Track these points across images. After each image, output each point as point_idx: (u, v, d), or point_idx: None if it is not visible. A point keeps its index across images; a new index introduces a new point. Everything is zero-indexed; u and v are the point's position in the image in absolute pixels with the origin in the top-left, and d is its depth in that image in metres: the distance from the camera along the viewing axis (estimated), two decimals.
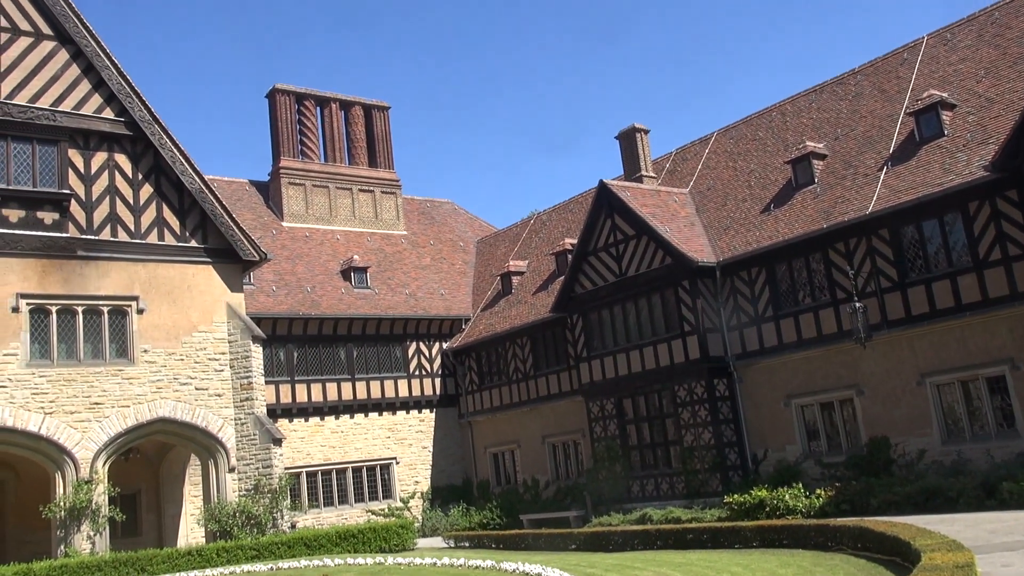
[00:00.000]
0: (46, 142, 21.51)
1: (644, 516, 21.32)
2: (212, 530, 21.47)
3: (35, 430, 19.92)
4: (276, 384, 27.93)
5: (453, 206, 40.33)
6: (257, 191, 33.91)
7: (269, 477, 22.08)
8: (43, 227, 21.09)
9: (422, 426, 31.37)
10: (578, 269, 26.25)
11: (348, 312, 29.93)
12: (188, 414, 21.98)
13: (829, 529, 14.48)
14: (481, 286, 34.25)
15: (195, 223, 23.27)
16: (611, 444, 25.17)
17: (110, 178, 22.33)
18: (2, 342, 20.02)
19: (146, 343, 21.84)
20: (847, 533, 13.89)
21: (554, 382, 28.46)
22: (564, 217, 33.09)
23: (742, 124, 28.35)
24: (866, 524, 13.68)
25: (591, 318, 26.05)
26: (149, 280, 22.24)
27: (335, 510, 28.70)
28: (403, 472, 30.49)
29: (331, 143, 35.26)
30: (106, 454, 20.82)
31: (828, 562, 12.74)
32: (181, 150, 22.95)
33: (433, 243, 36.39)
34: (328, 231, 33.64)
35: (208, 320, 22.90)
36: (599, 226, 25.71)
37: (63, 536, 19.84)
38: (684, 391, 23.48)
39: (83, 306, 21.28)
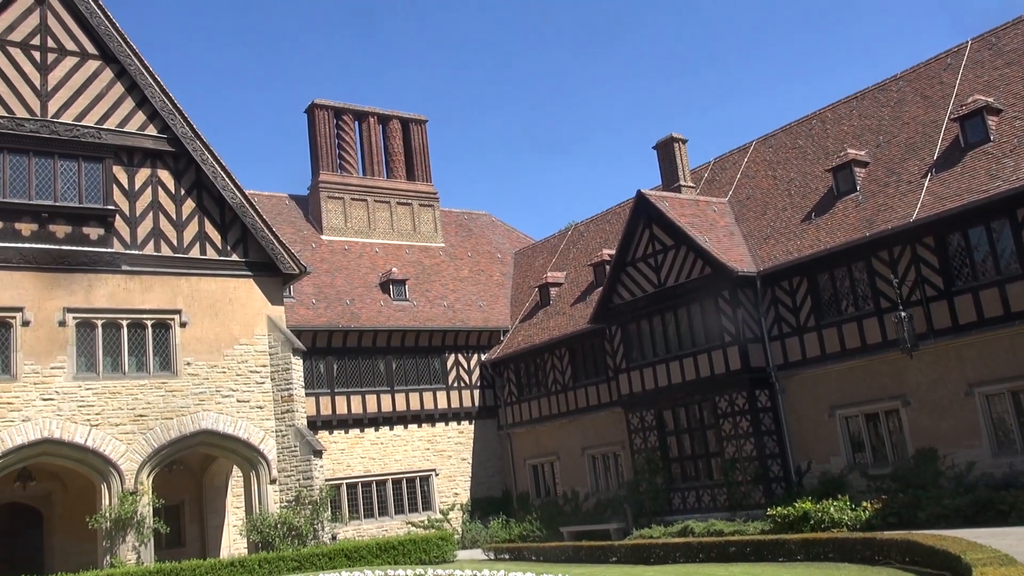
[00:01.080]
0: (92, 159, 21.96)
1: (686, 529, 21.12)
2: (254, 541, 21.67)
3: (81, 442, 20.27)
4: (316, 396, 28.15)
5: (490, 218, 40.45)
6: (296, 205, 34.31)
7: (310, 489, 22.23)
8: (89, 243, 21.51)
9: (461, 438, 31.41)
10: (616, 280, 26.16)
11: (387, 324, 30.11)
12: (230, 426, 22.23)
13: (876, 543, 14.24)
14: (519, 297, 34.27)
15: (236, 237, 23.58)
16: (651, 456, 24.99)
17: (153, 194, 22.72)
18: (49, 355, 20.42)
19: (189, 356, 22.15)
20: (895, 547, 13.65)
21: (593, 394, 28.35)
22: (602, 228, 33.02)
23: (781, 132, 28.12)
24: (914, 538, 13.43)
25: (630, 329, 25.92)
26: (191, 294, 22.57)
27: (375, 522, 28.81)
28: (442, 484, 30.53)
29: (369, 157, 35.58)
30: (150, 466, 21.12)
31: None
32: (222, 165, 23.30)
33: (471, 255, 36.50)
34: (367, 244, 33.90)
35: (249, 333, 23.16)
36: (637, 236, 25.62)
37: (109, 547, 20.14)
38: (725, 402, 23.26)
39: (127, 320, 21.65)
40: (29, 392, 19.97)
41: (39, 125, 21.21)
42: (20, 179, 21.00)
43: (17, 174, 20.99)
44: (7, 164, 20.86)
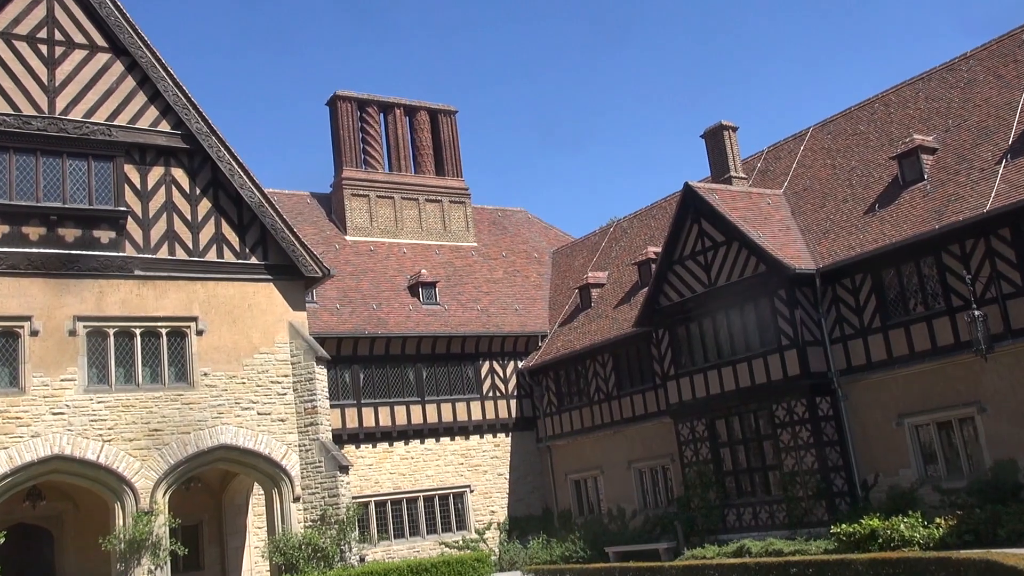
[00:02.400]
0: (102, 158, 22.24)
1: (742, 548, 20.87)
2: (277, 563, 21.76)
3: (93, 459, 20.50)
4: (342, 408, 28.25)
5: (526, 215, 40.41)
6: (319, 204, 34.52)
7: (336, 507, 22.28)
8: (100, 246, 21.77)
9: (497, 451, 31.34)
10: (663, 279, 25.95)
11: (416, 330, 30.15)
12: (250, 440, 22.36)
13: (952, 562, 13.97)
14: (558, 300, 34.16)
15: (255, 239, 23.74)
16: (703, 469, 24.74)
17: (167, 194, 22.95)
18: (59, 367, 20.69)
19: (206, 366, 22.32)
20: (972, 567, 13.37)
21: (639, 402, 28.15)
22: (646, 224, 32.81)
23: (841, 118, 27.74)
24: (993, 557, 13.15)
25: (678, 332, 25.70)
26: (208, 300, 22.75)
27: (406, 542, 28.84)
28: (478, 501, 30.48)
29: (396, 151, 35.71)
30: (166, 483, 21.30)
31: None
32: (240, 162, 23.48)
33: (505, 255, 36.47)
34: (394, 244, 34.00)
35: (270, 341, 23.30)
36: (685, 232, 25.40)
37: (123, 570, 20.34)
38: (783, 411, 22.95)
39: (141, 328, 21.87)
40: (38, 406, 20.24)
41: (47, 123, 21.52)
42: (27, 180, 21.31)
43: (24, 175, 21.31)
44: (13, 164, 21.18)
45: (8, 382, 20.23)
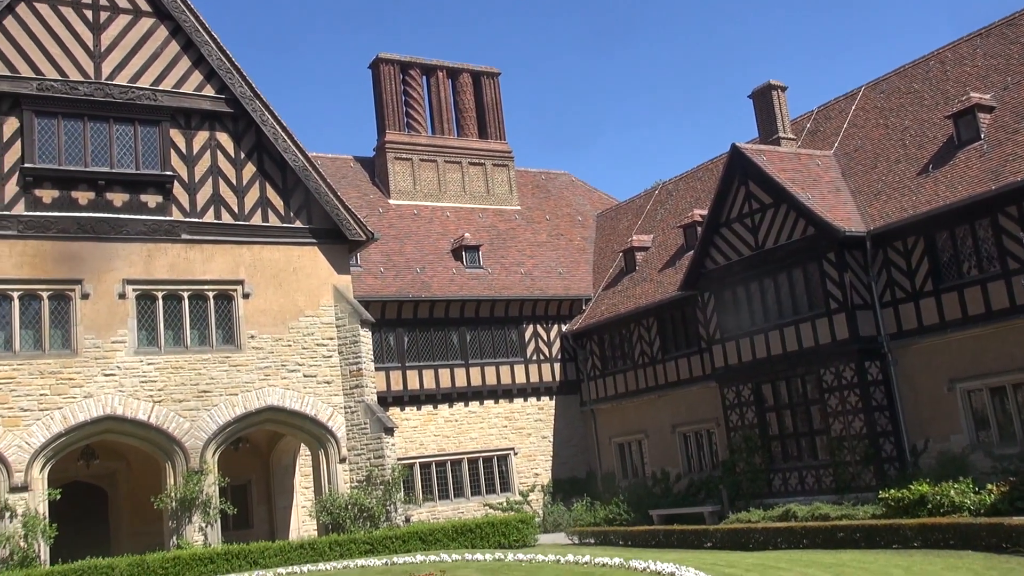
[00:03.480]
0: (148, 123, 22.46)
1: (787, 512, 20.79)
2: (324, 522, 22.13)
3: (144, 419, 20.94)
4: (386, 371, 28.50)
5: (570, 178, 40.18)
6: (362, 167, 34.61)
7: (381, 468, 22.57)
8: (147, 211, 22.06)
9: (541, 415, 31.47)
10: (709, 242, 25.72)
11: (460, 294, 30.23)
12: (297, 402, 22.67)
13: (1003, 529, 13.81)
14: (602, 263, 34.03)
15: (299, 203, 23.90)
16: (749, 434, 24.64)
17: (212, 158, 23.15)
18: (110, 329, 21.09)
19: (252, 329, 22.61)
20: None
21: (684, 366, 28.05)
22: (692, 186, 32.48)
23: (894, 76, 27.12)
24: None
25: (725, 296, 25.50)
26: (254, 263, 22.99)
27: (450, 503, 29.16)
28: (522, 464, 30.68)
29: (438, 114, 35.61)
30: (215, 444, 21.71)
31: (1003, 565, 12.12)
32: (283, 126, 23.58)
33: (549, 218, 36.35)
34: (437, 208, 34.03)
35: (315, 304, 23.52)
36: (732, 195, 25.10)
37: (175, 527, 20.84)
38: (831, 375, 22.72)
39: (189, 291, 22.19)
40: (90, 368, 20.68)
41: (93, 88, 21.76)
42: (75, 145, 21.62)
43: (72, 140, 21.61)
44: (62, 130, 21.49)
45: (61, 344, 20.68)
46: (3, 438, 19.51)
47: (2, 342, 20.18)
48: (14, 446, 19.58)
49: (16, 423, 19.73)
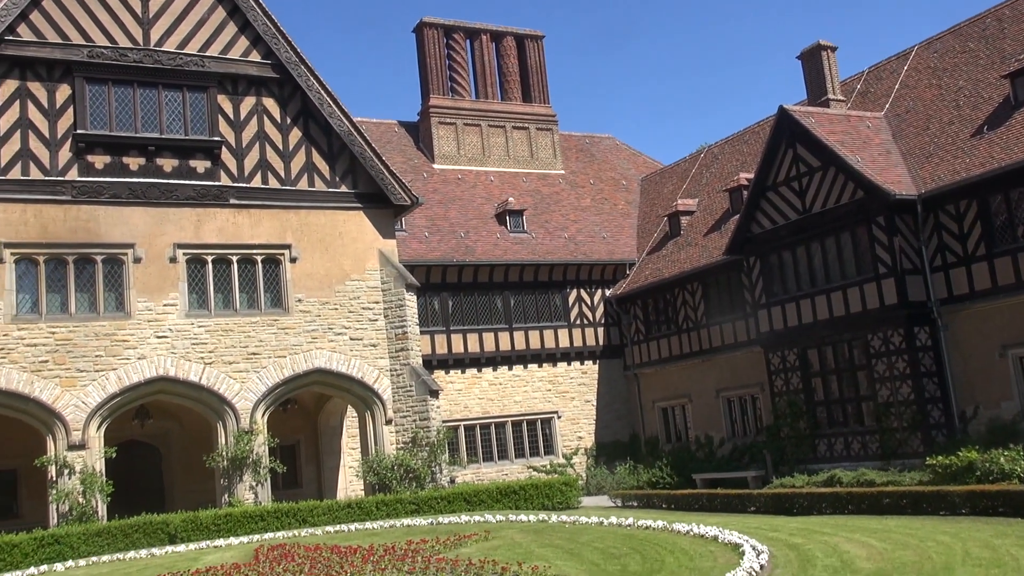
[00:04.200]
0: (196, 89, 22.64)
1: (832, 478, 20.64)
2: (371, 483, 22.45)
3: (196, 380, 21.33)
4: (431, 334, 28.66)
5: (614, 141, 39.84)
6: (407, 132, 34.61)
7: (427, 430, 22.79)
8: (196, 176, 22.32)
9: (584, 379, 31.51)
10: (755, 206, 25.39)
11: (504, 258, 30.25)
12: (343, 365, 22.92)
13: None
14: (646, 228, 33.80)
15: (344, 167, 24.00)
16: (794, 399, 24.46)
17: (259, 123, 23.30)
18: (161, 292, 21.44)
19: (300, 292, 22.85)
20: None
21: (729, 331, 27.86)
22: (738, 149, 32.05)
23: (948, 35, 26.40)
24: None
25: (771, 260, 25.21)
26: (300, 227, 23.18)
27: (494, 465, 29.38)
28: (565, 427, 30.79)
29: (482, 78, 35.43)
30: (265, 405, 22.07)
31: None
32: (329, 91, 23.63)
33: (593, 182, 36.13)
34: (481, 172, 33.98)
35: (360, 268, 23.68)
36: (779, 158, 24.71)
37: (226, 486, 21.27)
38: (879, 340, 22.42)
39: (237, 255, 22.46)
40: (143, 330, 21.08)
41: (142, 54, 21.95)
42: (126, 111, 21.88)
43: (122, 106, 21.88)
44: (112, 96, 21.74)
45: (115, 307, 21.08)
46: (61, 398, 20.01)
47: (59, 305, 20.62)
48: (71, 406, 20.08)
49: (73, 383, 20.21)
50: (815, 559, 11.76)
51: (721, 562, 11.78)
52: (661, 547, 13.32)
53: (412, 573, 12.13)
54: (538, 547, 14.02)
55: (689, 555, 12.53)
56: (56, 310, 20.60)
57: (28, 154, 20.82)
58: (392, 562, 12.88)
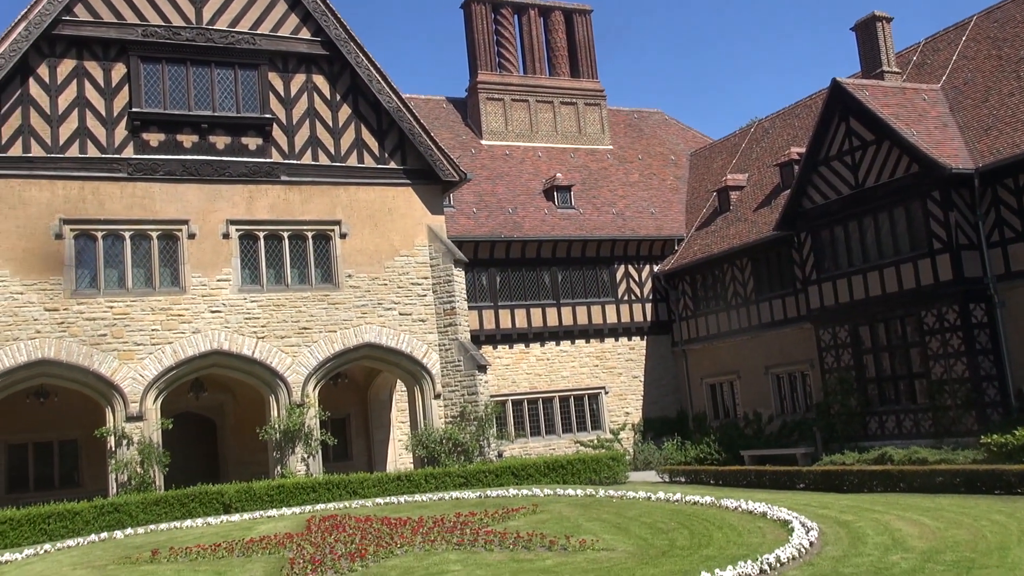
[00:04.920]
0: (247, 66, 22.82)
1: (883, 455, 20.38)
2: (420, 456, 22.64)
3: (249, 354, 21.64)
4: (479, 310, 28.74)
5: (663, 116, 39.43)
6: (455, 108, 34.57)
7: (475, 404, 22.90)
8: (248, 153, 22.53)
9: (632, 354, 31.39)
10: (807, 181, 25.00)
11: (552, 234, 30.16)
12: (393, 339, 23.08)
13: None
14: (695, 203, 33.47)
15: (393, 144, 24.06)
16: (845, 376, 24.14)
17: (309, 100, 23.42)
18: (215, 268, 21.74)
19: (349, 268, 23.02)
20: None
21: (778, 307, 27.53)
22: (789, 123, 31.54)
23: (1010, 3, 25.63)
24: None
25: (822, 236, 24.83)
26: (350, 204, 23.32)
27: (542, 440, 29.46)
28: (612, 402, 30.75)
29: (530, 53, 35.23)
30: (316, 378, 22.33)
31: None
32: (378, 68, 23.67)
33: (642, 157, 35.82)
34: (529, 148, 33.86)
35: (409, 244, 23.78)
36: (831, 131, 24.27)
37: (279, 457, 21.60)
38: (933, 317, 22.01)
39: (288, 231, 22.67)
40: (198, 304, 21.41)
41: (195, 33, 22.15)
42: (179, 90, 22.13)
43: (176, 85, 22.13)
44: (166, 75, 22.00)
45: (170, 282, 21.43)
46: (119, 371, 20.43)
47: (116, 280, 21.02)
48: (129, 378, 20.49)
49: (130, 356, 20.62)
50: (866, 536, 11.63)
51: (770, 538, 11.69)
52: (709, 523, 13.26)
53: (461, 545, 12.23)
54: (586, 521, 14.04)
55: (737, 531, 12.46)
56: (114, 285, 20.99)
57: (85, 132, 21.17)
58: (441, 534, 12.99)
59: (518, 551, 11.70)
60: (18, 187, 20.41)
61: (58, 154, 20.82)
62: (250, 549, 13.15)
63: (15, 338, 19.76)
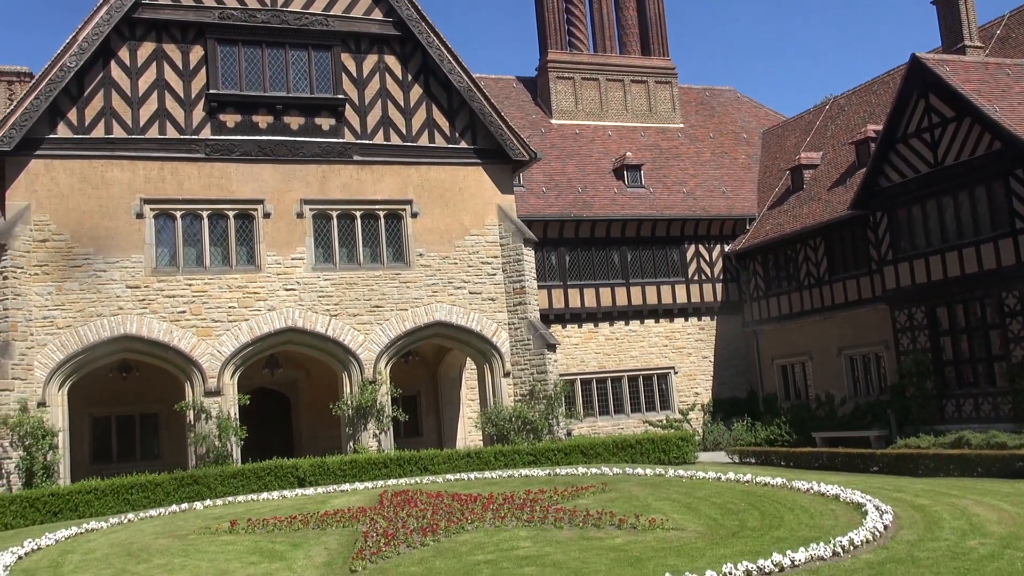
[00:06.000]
0: (320, 48, 23.06)
1: (960, 439, 19.89)
2: (489, 433, 22.80)
3: (322, 331, 22.00)
4: (548, 289, 28.74)
5: (735, 94, 38.78)
6: (524, 87, 34.49)
7: (544, 383, 22.96)
8: (321, 133, 22.80)
9: (702, 334, 31.11)
10: (883, 159, 24.40)
11: (621, 213, 29.98)
12: (463, 318, 23.24)
13: None
14: (768, 182, 32.91)
15: (464, 124, 24.11)
16: (921, 358, 23.59)
17: (381, 81, 23.59)
18: (289, 247, 22.11)
19: (420, 247, 23.21)
20: None
21: (852, 288, 26.99)
22: (866, 100, 30.77)
23: None
24: None
25: (899, 215, 24.23)
26: (421, 183, 23.48)
27: (610, 419, 29.41)
28: (681, 382, 30.54)
29: (600, 31, 34.93)
30: (387, 356, 22.61)
31: None
32: (449, 48, 23.71)
33: (713, 136, 35.33)
34: (599, 127, 33.64)
35: (479, 223, 23.86)
36: (910, 108, 23.62)
37: (351, 433, 21.96)
38: (1014, 299, 21.36)
39: (361, 211, 22.93)
40: (272, 282, 21.82)
41: (270, 15, 22.45)
42: (254, 71, 22.48)
43: (251, 66, 22.47)
44: (242, 57, 22.36)
45: (246, 260, 21.87)
46: (197, 347, 20.96)
47: (194, 258, 21.52)
48: (207, 354, 21.01)
49: (208, 333, 21.13)
50: (942, 521, 11.39)
51: (843, 521, 11.52)
52: (780, 504, 13.12)
53: (531, 522, 12.31)
54: (655, 500, 14.00)
55: (809, 513, 12.30)
56: (192, 263, 21.49)
57: (165, 114, 21.65)
58: (511, 511, 13.08)
59: (588, 529, 11.74)
60: (101, 168, 20.99)
61: (139, 135, 21.35)
62: (324, 522, 13.42)
63: (99, 314, 20.39)
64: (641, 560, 9.83)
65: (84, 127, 20.99)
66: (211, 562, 11.23)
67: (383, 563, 10.43)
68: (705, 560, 9.58)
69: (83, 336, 20.17)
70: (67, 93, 20.83)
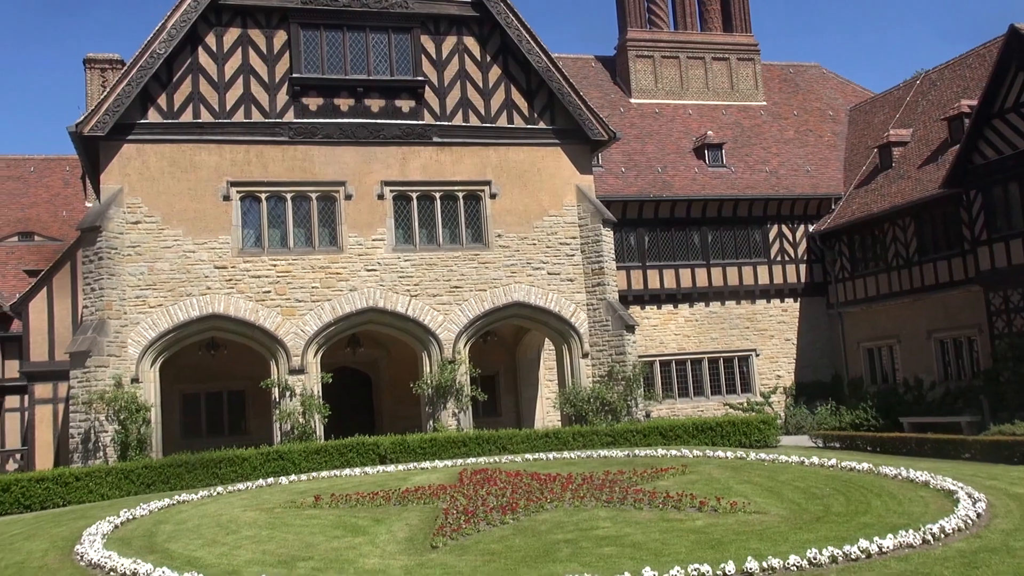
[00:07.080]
0: (400, 30, 23.20)
1: None
2: (567, 414, 22.80)
3: (403, 311, 22.25)
4: (627, 270, 28.54)
5: (820, 70, 37.80)
6: (603, 67, 34.19)
7: (622, 364, 22.84)
8: (401, 115, 22.98)
9: (784, 316, 30.55)
10: (978, 135, 23.53)
11: (702, 193, 29.56)
12: (541, 299, 23.24)
13: None
14: (854, 160, 32.05)
15: (542, 104, 24.02)
16: (1017, 342, 22.76)
17: (460, 62, 23.63)
18: (370, 228, 22.38)
19: (499, 228, 23.25)
20: None
21: (943, 269, 26.16)
22: (959, 75, 29.67)
23: None
24: None
25: (994, 193, 23.37)
26: (500, 164, 23.49)
27: (690, 401, 29.14)
28: (763, 365, 30.06)
29: (680, 7, 34.40)
30: (466, 336, 22.76)
31: None
32: (527, 28, 23.61)
33: (797, 113, 34.53)
34: (679, 106, 33.17)
35: (558, 204, 23.79)
36: (1008, 82, 22.73)
37: (431, 412, 22.20)
38: None
39: (440, 192, 23.06)
40: (354, 263, 22.12)
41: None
42: (336, 55, 22.74)
43: (333, 50, 22.74)
44: (324, 41, 22.64)
45: (329, 241, 22.21)
46: (282, 326, 21.40)
47: (279, 239, 21.95)
48: (291, 333, 21.44)
49: (292, 312, 21.55)
50: None
51: (933, 508, 11.21)
52: (867, 490, 12.82)
53: (610, 502, 12.27)
54: (736, 483, 13.82)
55: (897, 499, 11.99)
56: (276, 244, 21.92)
57: (250, 98, 22.06)
58: (590, 491, 13.06)
59: (667, 511, 11.65)
60: (189, 151, 21.52)
61: (225, 119, 21.81)
62: (406, 498, 13.60)
63: (188, 294, 20.97)
64: (722, 543, 9.72)
65: (173, 112, 21.53)
66: (296, 535, 11.48)
67: (463, 540, 10.53)
68: (788, 545, 9.43)
69: (173, 315, 20.77)
70: (157, 79, 21.38)
